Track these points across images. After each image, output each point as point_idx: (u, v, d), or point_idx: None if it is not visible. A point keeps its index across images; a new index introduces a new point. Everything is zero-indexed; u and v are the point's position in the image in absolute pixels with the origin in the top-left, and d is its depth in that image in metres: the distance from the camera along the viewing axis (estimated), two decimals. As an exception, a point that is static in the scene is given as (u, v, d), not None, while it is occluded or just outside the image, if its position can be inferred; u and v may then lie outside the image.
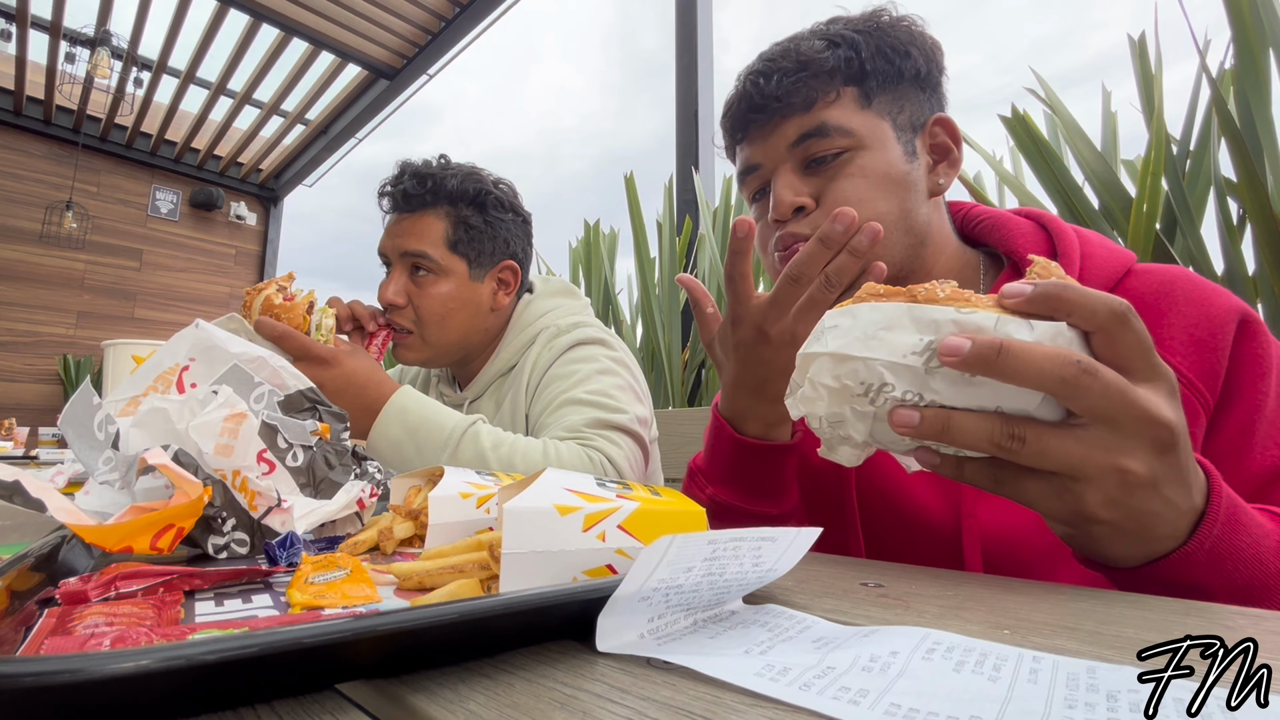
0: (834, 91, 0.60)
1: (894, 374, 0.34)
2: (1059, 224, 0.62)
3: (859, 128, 0.59)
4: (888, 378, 0.35)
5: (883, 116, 0.60)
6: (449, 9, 3.48)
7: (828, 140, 0.59)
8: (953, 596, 0.33)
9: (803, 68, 0.60)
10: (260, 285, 0.87)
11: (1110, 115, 1.61)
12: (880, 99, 0.60)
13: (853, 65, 0.60)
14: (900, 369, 0.34)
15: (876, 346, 0.34)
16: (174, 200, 5.21)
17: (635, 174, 2.82)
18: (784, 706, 0.19)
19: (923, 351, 0.34)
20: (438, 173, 1.04)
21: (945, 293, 0.35)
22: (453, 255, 1.03)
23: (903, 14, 0.63)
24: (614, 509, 0.32)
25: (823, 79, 0.60)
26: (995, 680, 0.20)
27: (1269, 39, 1.16)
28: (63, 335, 4.72)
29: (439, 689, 0.21)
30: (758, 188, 0.66)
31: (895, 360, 0.34)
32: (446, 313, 1.03)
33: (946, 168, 0.63)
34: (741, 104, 0.63)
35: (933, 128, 0.63)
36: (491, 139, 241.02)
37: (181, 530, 0.37)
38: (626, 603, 0.24)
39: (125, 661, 0.16)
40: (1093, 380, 0.32)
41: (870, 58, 0.60)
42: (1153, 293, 0.55)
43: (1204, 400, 0.51)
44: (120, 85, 4.15)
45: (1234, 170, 1.15)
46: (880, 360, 0.34)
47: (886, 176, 0.59)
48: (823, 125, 0.59)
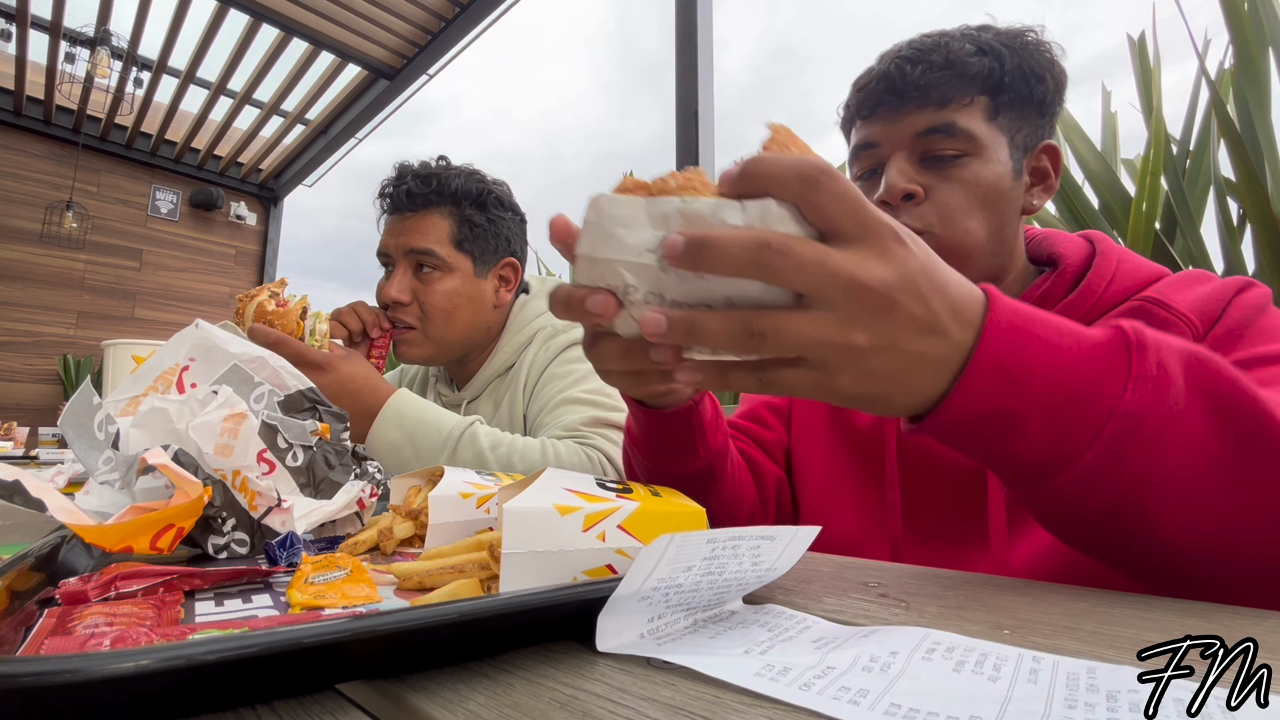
0: (970, 96, 0.62)
1: (634, 274, 0.32)
2: (1105, 238, 0.64)
3: (982, 136, 0.62)
4: (629, 279, 0.32)
5: (1003, 132, 0.63)
6: (449, 9, 3.48)
7: (951, 140, 0.62)
8: (953, 596, 0.33)
9: (948, 66, 0.62)
10: (252, 291, 0.87)
11: (1110, 115, 1.61)
12: (1006, 115, 0.63)
13: (993, 77, 0.62)
14: (639, 269, 0.31)
15: (616, 246, 0.31)
16: (174, 200, 5.20)
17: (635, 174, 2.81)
18: (784, 706, 0.19)
19: (656, 249, 0.31)
20: (441, 172, 1.06)
21: (676, 182, 0.32)
22: (458, 253, 1.05)
23: (1046, 39, 0.65)
24: (614, 509, 0.32)
25: (964, 82, 0.62)
26: (995, 680, 0.20)
27: (1267, 40, 1.16)
28: (63, 335, 4.71)
29: (439, 689, 0.21)
30: (869, 166, 0.67)
31: (633, 260, 0.31)
32: (453, 309, 1.04)
33: (1042, 191, 0.66)
34: (880, 83, 0.64)
35: (1040, 153, 0.65)
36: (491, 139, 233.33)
37: (181, 530, 0.37)
38: (626, 602, 0.24)
39: (125, 661, 0.16)
40: (785, 259, 0.30)
41: (1010, 74, 0.62)
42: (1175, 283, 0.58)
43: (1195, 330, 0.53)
44: (120, 85, 4.15)
45: (1233, 170, 1.15)
46: (620, 261, 0.31)
47: (994, 189, 0.62)
48: (951, 124, 0.61)
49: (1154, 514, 0.35)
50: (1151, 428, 0.33)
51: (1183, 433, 0.34)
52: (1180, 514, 0.35)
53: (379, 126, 4.51)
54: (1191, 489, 0.34)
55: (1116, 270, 0.60)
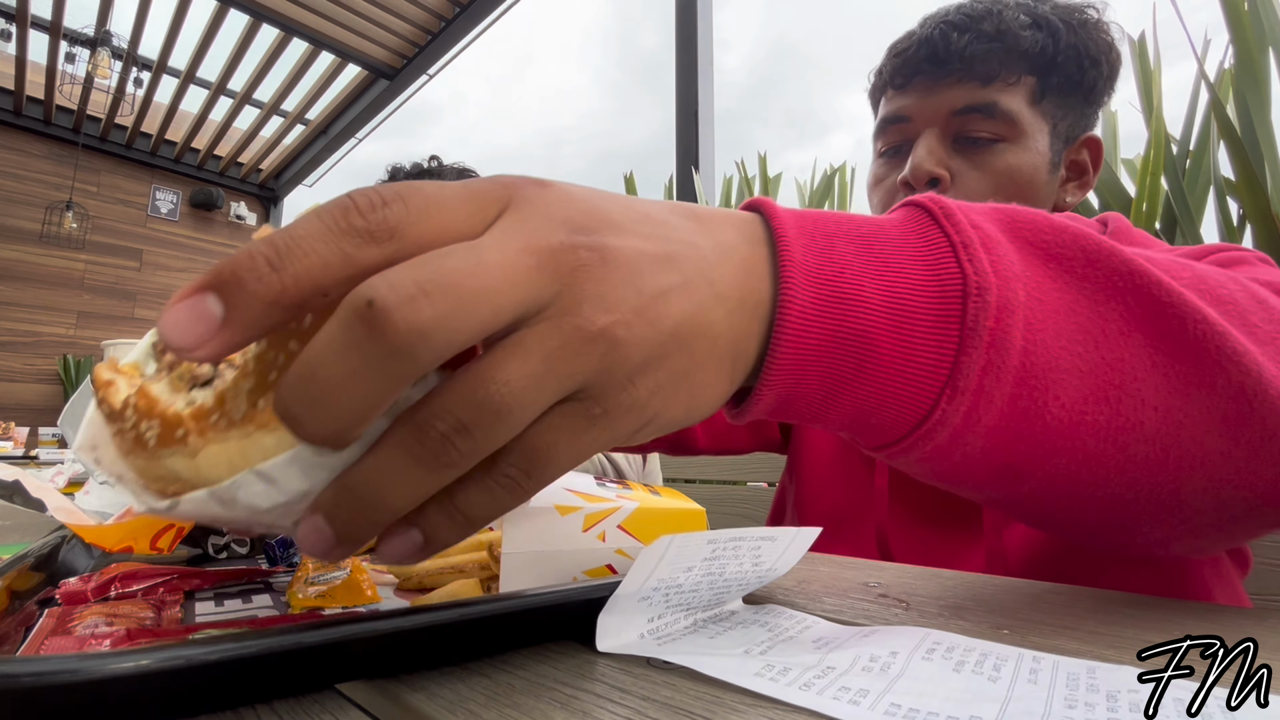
0: (1017, 75, 0.56)
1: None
2: (1123, 225, 0.57)
3: (1024, 120, 0.56)
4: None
5: (1046, 119, 0.57)
6: (449, 9, 3.48)
7: (989, 122, 0.56)
8: (953, 596, 0.33)
9: (999, 37, 0.55)
10: None
11: (1110, 115, 1.61)
12: (1052, 100, 0.57)
13: (1045, 55, 0.55)
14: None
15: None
16: (174, 200, 5.21)
17: (635, 174, 2.82)
18: (784, 706, 0.19)
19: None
20: (434, 171, 1.07)
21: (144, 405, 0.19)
22: None
23: (1107, 19, 0.58)
24: (614, 509, 0.32)
25: (1013, 58, 0.55)
26: (995, 680, 0.20)
27: (1267, 40, 1.16)
28: (63, 335, 4.71)
29: (439, 689, 0.21)
30: (895, 142, 0.61)
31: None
32: None
33: (1076, 188, 0.60)
34: (920, 50, 0.58)
35: (1081, 146, 0.59)
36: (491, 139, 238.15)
37: (181, 530, 0.37)
38: (626, 602, 0.24)
39: (125, 662, 0.16)
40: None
41: (1063, 54, 0.56)
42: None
43: None
44: (120, 85, 4.15)
45: (1233, 170, 1.15)
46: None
47: (1028, 181, 0.56)
48: (993, 105, 0.55)
49: (1054, 410, 0.25)
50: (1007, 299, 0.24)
51: (1044, 300, 0.25)
52: (1084, 411, 0.26)
53: (379, 126, 4.51)
54: (1086, 375, 0.25)
55: None
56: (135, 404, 0.18)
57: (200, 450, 0.18)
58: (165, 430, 0.18)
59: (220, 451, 0.17)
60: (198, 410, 0.18)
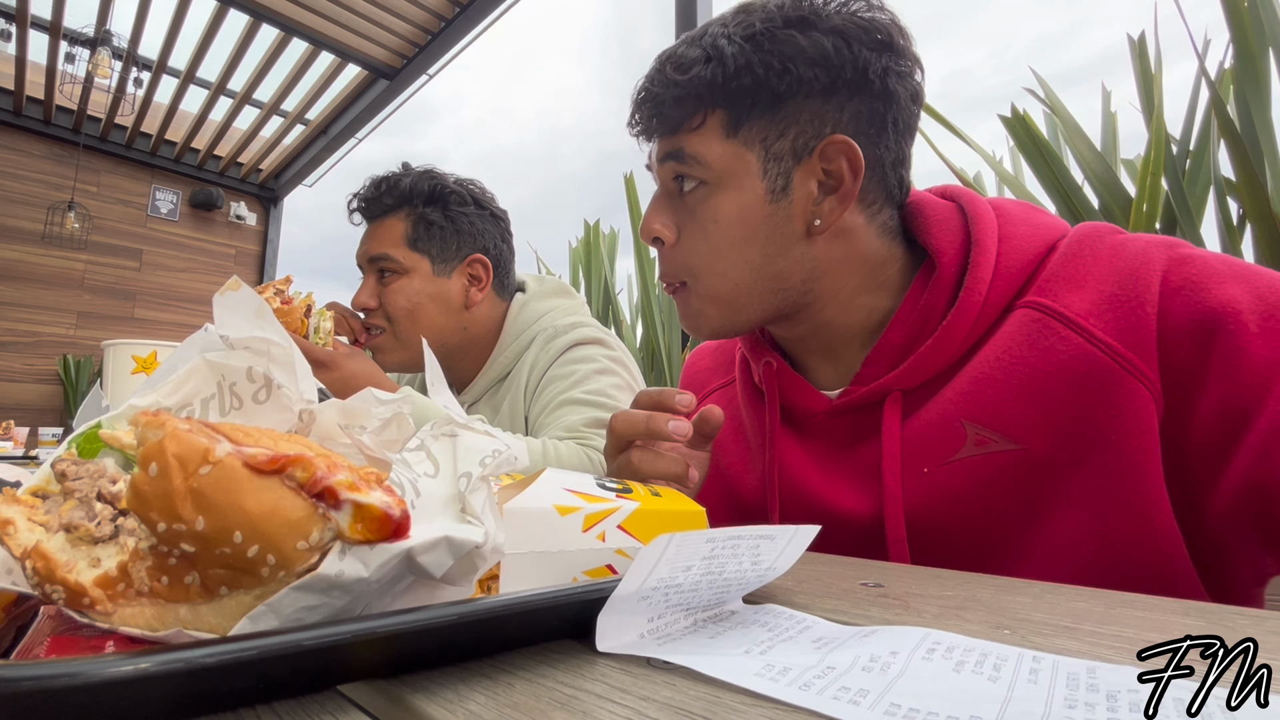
0: (700, 115, 0.53)
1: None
2: (977, 205, 0.55)
3: (715, 160, 0.52)
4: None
5: (750, 146, 0.52)
6: (449, 9, 3.47)
7: (686, 168, 0.54)
8: (953, 596, 0.33)
9: (671, 86, 0.53)
10: (258, 289, 0.88)
11: (1110, 115, 1.61)
12: (754, 124, 0.52)
13: (717, 84, 0.51)
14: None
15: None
16: (174, 200, 5.20)
17: (635, 173, 2.81)
18: (784, 706, 0.19)
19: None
20: (392, 177, 1.07)
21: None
22: (414, 253, 1.04)
23: (832, 7, 0.52)
24: (614, 509, 0.32)
25: (689, 102, 0.53)
26: (995, 680, 0.20)
27: (1267, 40, 1.16)
28: (63, 335, 4.71)
29: (439, 689, 0.21)
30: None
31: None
32: (413, 307, 1.04)
33: (835, 202, 0.53)
34: (634, 107, 0.57)
35: (825, 152, 0.52)
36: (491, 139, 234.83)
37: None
38: (626, 602, 0.24)
39: (124, 665, 0.16)
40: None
41: (738, 77, 0.51)
42: (1068, 257, 0.50)
43: (1127, 363, 0.45)
44: (120, 85, 4.15)
45: (1233, 170, 1.16)
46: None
47: (740, 221, 0.53)
48: (680, 151, 0.54)
49: None
50: None
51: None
52: None
53: (379, 126, 4.51)
54: None
55: (998, 263, 0.51)
56: (35, 566, 0.19)
57: (114, 614, 0.19)
58: (71, 597, 0.19)
59: (137, 614, 0.19)
60: (102, 579, 0.19)
